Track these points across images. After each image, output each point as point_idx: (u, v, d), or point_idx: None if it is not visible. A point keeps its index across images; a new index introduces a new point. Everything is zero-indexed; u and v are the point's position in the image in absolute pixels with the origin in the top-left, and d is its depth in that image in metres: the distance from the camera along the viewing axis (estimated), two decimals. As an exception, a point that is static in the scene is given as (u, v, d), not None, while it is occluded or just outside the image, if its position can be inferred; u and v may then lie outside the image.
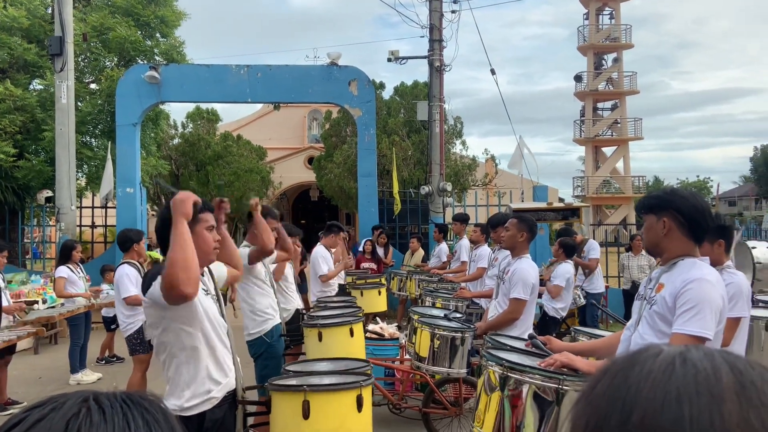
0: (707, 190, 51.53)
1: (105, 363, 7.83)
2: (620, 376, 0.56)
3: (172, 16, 13.53)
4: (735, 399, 0.51)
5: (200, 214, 2.59)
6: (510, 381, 2.46)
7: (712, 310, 2.22)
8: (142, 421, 0.63)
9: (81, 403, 0.63)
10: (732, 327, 3.10)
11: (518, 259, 4.23)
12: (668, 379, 0.54)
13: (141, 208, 11.18)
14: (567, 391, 2.35)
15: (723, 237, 3.33)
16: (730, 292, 3.10)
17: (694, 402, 0.51)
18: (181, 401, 2.48)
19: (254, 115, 29.59)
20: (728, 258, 3.41)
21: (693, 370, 0.54)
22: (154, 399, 0.67)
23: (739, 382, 0.52)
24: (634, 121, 32.74)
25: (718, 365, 0.54)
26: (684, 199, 2.39)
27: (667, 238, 2.38)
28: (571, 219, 11.03)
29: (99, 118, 12.99)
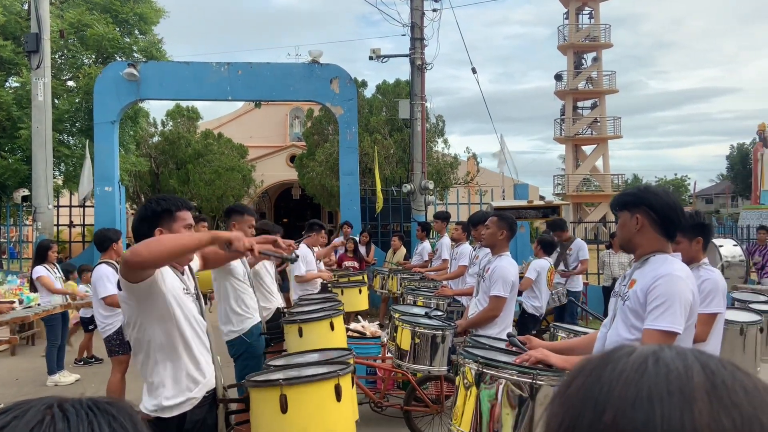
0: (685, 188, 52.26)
1: (83, 364, 7.73)
2: (593, 376, 0.56)
3: (151, 13, 13.40)
4: (706, 398, 0.51)
5: (178, 212, 2.57)
6: (486, 377, 2.48)
7: (682, 304, 2.25)
8: (109, 429, 0.62)
9: (45, 410, 0.62)
10: (708, 322, 3.14)
11: (498, 257, 4.25)
12: (640, 378, 0.54)
13: (119, 207, 11.05)
14: (541, 386, 2.38)
15: (701, 234, 3.35)
16: (707, 287, 3.17)
17: (665, 401, 0.51)
18: (159, 400, 2.46)
19: (235, 113, 29.39)
20: (705, 255, 3.44)
21: (665, 370, 0.54)
22: (122, 405, 0.65)
23: (711, 381, 0.53)
24: (613, 120, 33.11)
25: (690, 364, 0.55)
26: (657, 196, 2.42)
27: (640, 234, 2.42)
28: (552, 217, 11.13)
29: (76, 116, 12.82)
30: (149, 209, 2.58)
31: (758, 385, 0.54)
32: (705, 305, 3.13)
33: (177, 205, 2.59)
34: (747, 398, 0.52)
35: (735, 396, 0.52)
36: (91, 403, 0.64)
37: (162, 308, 2.43)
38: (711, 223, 3.52)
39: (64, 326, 7.03)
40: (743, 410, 0.51)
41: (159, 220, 2.55)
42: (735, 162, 34.42)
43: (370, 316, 8.25)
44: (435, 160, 18.30)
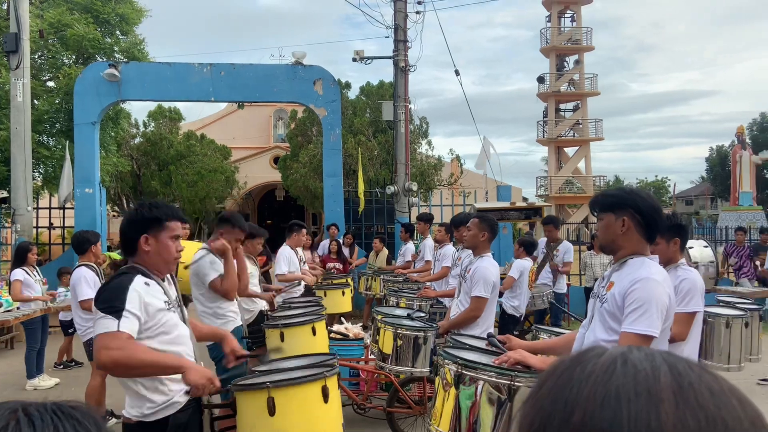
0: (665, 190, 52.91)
1: (63, 368, 7.64)
2: (564, 377, 0.58)
3: (132, 14, 13.28)
4: (672, 399, 0.53)
5: (168, 222, 2.56)
6: (465, 378, 2.50)
7: (658, 308, 2.29)
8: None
9: (9, 415, 0.61)
10: (687, 321, 3.16)
11: (480, 258, 4.29)
12: (608, 379, 0.55)
13: (100, 209, 10.93)
14: (519, 387, 2.40)
15: (678, 235, 3.38)
16: (686, 287, 3.20)
17: (632, 401, 0.53)
18: (143, 410, 2.44)
19: (218, 114, 29.21)
20: (683, 256, 3.47)
21: (633, 371, 0.56)
22: (86, 409, 0.65)
23: (678, 382, 0.54)
24: (595, 122, 33.43)
25: (658, 366, 0.56)
26: (643, 199, 2.45)
27: (625, 236, 2.44)
28: (534, 218, 11.23)
29: (56, 117, 12.66)
30: (140, 214, 2.56)
31: (724, 386, 0.56)
32: (683, 304, 3.16)
33: (168, 214, 2.57)
34: (713, 399, 0.53)
35: (701, 397, 0.53)
36: (56, 407, 0.63)
37: (144, 330, 2.43)
38: (688, 225, 3.58)
39: (43, 330, 6.95)
40: (708, 411, 0.52)
41: (147, 227, 2.53)
42: (714, 164, 34.91)
43: (353, 317, 8.25)
44: (419, 162, 18.36)
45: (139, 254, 2.53)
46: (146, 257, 2.53)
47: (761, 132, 32.18)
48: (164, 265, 2.58)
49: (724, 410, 0.53)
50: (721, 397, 0.54)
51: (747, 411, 0.54)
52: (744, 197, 20.35)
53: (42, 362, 6.95)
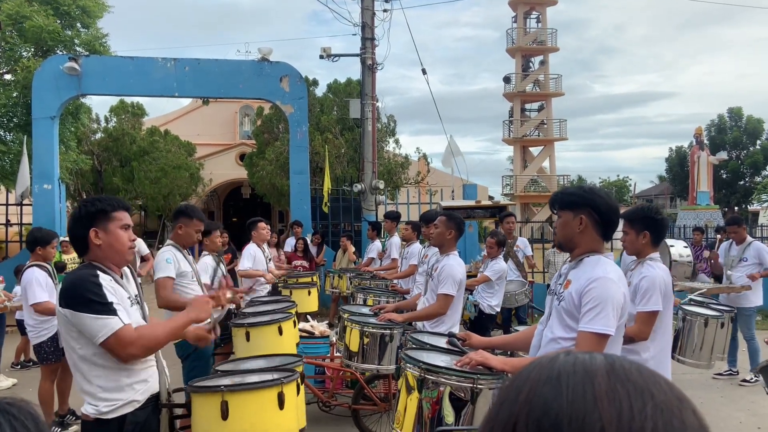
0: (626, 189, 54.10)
1: (21, 368, 7.44)
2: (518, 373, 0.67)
3: (94, 7, 12.98)
4: (605, 375, 0.61)
5: (114, 213, 2.52)
6: (427, 383, 2.52)
7: (614, 307, 2.34)
8: (10, 428, 0.61)
9: None
10: (647, 320, 3.16)
11: (446, 256, 4.32)
12: (552, 365, 0.64)
13: (59, 206, 10.66)
14: (481, 390, 2.44)
15: (649, 229, 3.33)
16: (644, 285, 3.19)
17: (570, 377, 0.61)
18: (99, 407, 2.40)
19: (182, 109, 28.76)
20: (654, 250, 3.38)
21: (573, 358, 0.65)
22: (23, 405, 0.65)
23: (610, 364, 0.63)
24: (559, 122, 33.99)
25: (595, 355, 0.65)
26: (602, 198, 2.49)
27: (582, 234, 2.48)
28: (499, 216, 11.35)
29: (14, 111, 12.31)
30: (83, 210, 2.50)
31: (653, 371, 0.64)
32: (643, 303, 3.16)
33: (113, 205, 2.53)
34: (640, 376, 0.62)
35: (630, 374, 0.62)
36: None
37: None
38: (663, 219, 3.41)
39: (0, 330, 6.74)
40: (637, 384, 0.60)
41: (93, 220, 2.48)
42: (673, 164, 35.79)
43: (320, 315, 8.23)
44: (386, 160, 18.39)
45: (92, 250, 2.48)
46: (99, 252, 2.48)
47: (718, 133, 33.12)
48: (119, 256, 2.52)
49: (651, 384, 0.61)
50: (649, 376, 0.62)
51: (674, 390, 0.62)
52: (702, 197, 20.95)
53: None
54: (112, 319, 2.32)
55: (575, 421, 0.57)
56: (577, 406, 0.58)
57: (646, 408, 0.58)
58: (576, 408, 0.58)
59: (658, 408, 0.58)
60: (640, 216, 3.39)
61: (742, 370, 6.84)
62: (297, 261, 9.81)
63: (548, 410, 0.59)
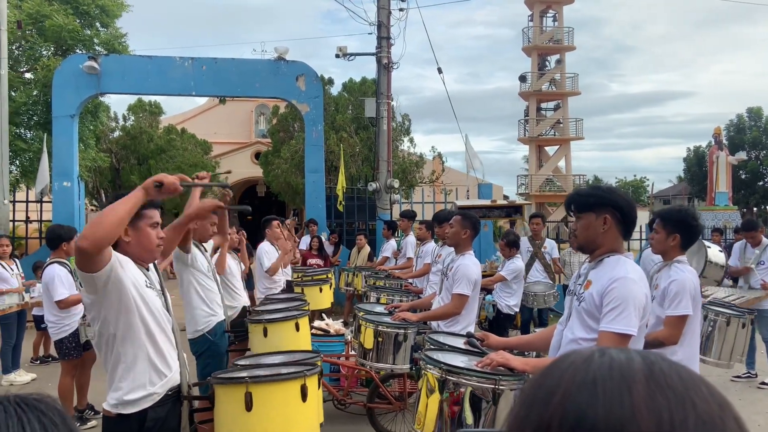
0: (644, 189, 53.56)
1: (40, 363, 7.55)
2: (547, 370, 0.63)
3: (113, 6, 13.12)
4: (644, 381, 0.57)
5: (145, 210, 2.55)
6: (448, 384, 2.51)
7: (636, 307, 2.32)
8: (39, 424, 0.61)
9: None
10: (677, 324, 3.10)
11: (461, 255, 4.31)
12: (587, 367, 0.60)
13: (78, 203, 10.80)
14: (503, 391, 2.42)
15: (680, 232, 3.25)
16: (674, 289, 3.12)
17: (607, 383, 0.58)
18: (120, 394, 2.44)
19: (199, 108, 28.97)
20: (682, 254, 3.31)
21: (608, 360, 0.61)
22: (50, 401, 0.65)
23: (649, 368, 0.59)
24: (576, 122, 33.74)
25: (632, 356, 0.62)
26: (622, 197, 2.47)
27: (605, 235, 2.44)
28: (515, 216, 11.31)
29: (34, 109, 12.48)
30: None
31: (693, 375, 0.60)
32: (672, 307, 3.10)
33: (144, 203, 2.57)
34: (681, 383, 0.58)
35: (670, 380, 0.58)
36: (20, 399, 0.64)
37: (124, 299, 2.41)
38: (697, 226, 3.32)
39: (20, 325, 6.84)
40: (677, 391, 0.57)
41: None
42: (692, 164, 35.38)
43: (334, 314, 8.26)
44: (401, 159, 18.38)
45: (120, 246, 2.52)
46: (127, 248, 2.53)
47: (737, 133, 32.68)
48: (147, 253, 2.58)
49: (692, 392, 0.57)
50: (690, 382, 0.58)
51: (715, 396, 0.58)
52: (720, 197, 20.69)
53: (18, 357, 6.86)
54: None
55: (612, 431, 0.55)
56: (614, 415, 0.55)
57: (687, 420, 0.55)
58: (613, 417, 0.55)
59: (699, 419, 0.55)
60: (675, 217, 3.31)
61: (760, 372, 6.77)
62: (312, 259, 9.85)
63: (583, 418, 0.56)
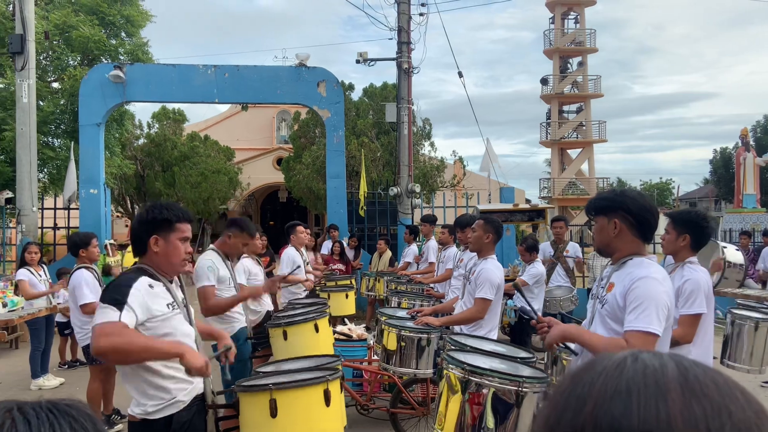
0: (669, 192, 52.77)
1: (68, 368, 7.68)
2: (577, 377, 0.62)
3: (138, 16, 13.34)
4: (679, 390, 0.56)
5: (178, 224, 2.58)
6: (471, 384, 2.50)
7: (658, 306, 2.30)
8: (70, 429, 0.62)
9: (4, 414, 0.62)
10: (691, 323, 3.13)
11: (484, 259, 4.29)
12: (619, 374, 0.59)
13: (105, 210, 10.98)
14: (526, 393, 2.41)
15: (689, 232, 3.27)
16: (688, 288, 3.15)
17: (641, 392, 0.56)
18: (147, 407, 2.46)
19: (222, 115, 29.28)
20: (692, 254, 3.33)
21: (642, 366, 0.59)
22: (81, 406, 0.66)
23: (684, 376, 0.58)
24: (599, 124, 33.41)
25: (666, 362, 0.60)
26: (633, 200, 2.45)
27: (618, 238, 2.44)
28: (537, 220, 11.22)
29: (61, 118, 12.73)
30: (150, 215, 2.57)
31: (728, 381, 0.59)
32: (687, 306, 3.12)
33: (178, 216, 2.59)
34: (717, 390, 0.57)
35: (706, 388, 0.56)
36: (51, 405, 0.64)
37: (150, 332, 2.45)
38: (707, 227, 3.32)
39: (48, 330, 6.97)
40: (713, 400, 0.55)
41: (157, 228, 2.55)
42: (718, 166, 34.80)
43: (356, 318, 8.27)
44: (422, 163, 18.36)
45: (148, 255, 2.57)
46: (155, 258, 2.56)
47: (765, 134, 32.06)
48: (172, 266, 2.60)
49: (728, 400, 0.56)
50: (726, 389, 0.57)
51: (751, 402, 0.57)
52: (748, 199, 20.30)
53: (47, 362, 6.98)
54: (112, 311, 2.31)
55: None
56: (649, 425, 0.54)
57: (724, 429, 0.54)
58: (647, 428, 0.54)
59: (736, 428, 0.54)
60: (685, 219, 3.33)
61: (792, 378, 6.61)
62: (334, 264, 9.88)
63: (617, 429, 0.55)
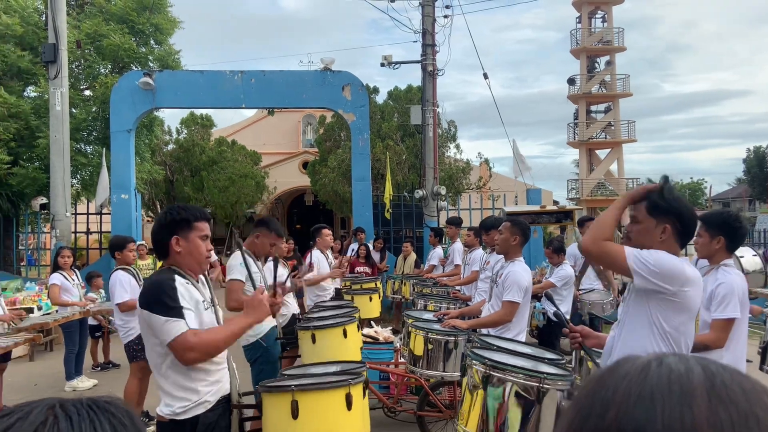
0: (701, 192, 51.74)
1: (101, 370, 7.83)
2: (602, 380, 0.61)
3: (166, 24, 13.57)
4: (705, 396, 0.55)
5: (196, 223, 2.63)
6: (493, 379, 2.51)
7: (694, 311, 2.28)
8: (110, 426, 0.64)
9: (47, 411, 0.64)
10: (724, 328, 3.05)
11: (511, 262, 4.26)
12: (643, 379, 0.58)
13: (135, 214, 11.19)
14: (548, 390, 2.40)
15: (723, 234, 3.19)
16: (721, 292, 3.06)
17: (666, 398, 0.55)
18: (174, 408, 2.51)
19: (248, 120, 29.61)
20: (728, 257, 3.25)
21: (667, 371, 0.58)
22: (120, 404, 0.68)
23: (710, 381, 0.56)
24: (628, 124, 32.92)
25: (691, 367, 0.58)
26: (687, 208, 2.41)
27: (663, 244, 2.38)
28: (565, 222, 11.09)
29: (93, 125, 13.01)
30: (168, 217, 2.64)
31: (756, 386, 0.57)
32: (720, 310, 3.04)
33: (195, 215, 2.65)
34: (744, 396, 0.55)
35: (733, 394, 0.55)
36: (91, 402, 0.66)
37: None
38: (741, 228, 3.24)
39: (82, 332, 7.12)
40: (740, 406, 0.54)
41: (176, 228, 2.61)
42: (752, 165, 34.05)
43: (382, 321, 8.27)
44: (447, 166, 18.30)
45: (171, 256, 2.62)
46: (179, 258, 2.61)
47: (800, 132, 31.33)
48: (197, 264, 2.65)
49: (756, 406, 0.54)
50: (753, 395, 0.55)
51: None
52: (783, 199, 19.80)
53: (81, 364, 7.13)
54: (179, 323, 2.42)
55: None
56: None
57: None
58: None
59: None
60: (717, 220, 3.24)
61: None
62: (359, 267, 9.90)
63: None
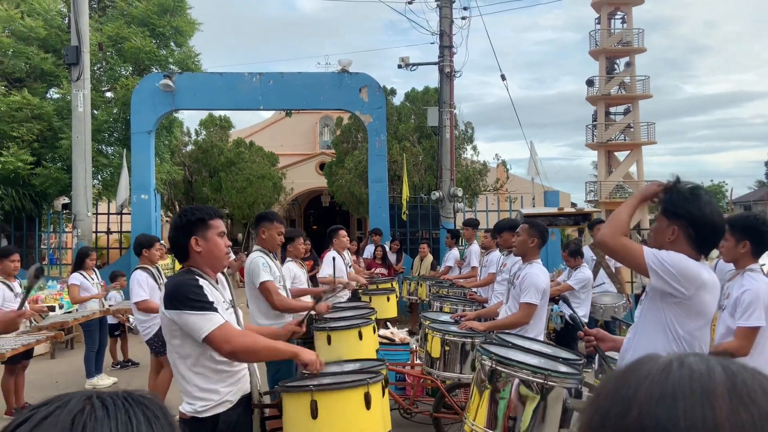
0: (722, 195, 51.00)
1: (120, 368, 7.93)
2: (623, 378, 0.61)
3: (186, 27, 13.71)
4: (726, 396, 0.55)
5: (211, 221, 2.66)
6: (498, 374, 2.53)
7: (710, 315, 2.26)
8: (143, 417, 0.68)
9: (85, 400, 0.67)
10: (748, 336, 2.98)
11: (529, 264, 4.25)
12: (665, 379, 0.58)
13: (155, 215, 11.31)
14: (553, 387, 2.41)
15: (749, 238, 3.12)
16: (746, 299, 2.98)
17: (687, 398, 0.55)
18: (196, 406, 2.54)
19: (266, 121, 29.79)
20: (754, 261, 3.17)
21: (688, 371, 0.58)
22: (153, 397, 0.72)
23: (731, 381, 0.57)
24: (647, 126, 32.56)
25: (712, 367, 0.59)
26: (700, 211, 2.27)
27: (672, 245, 2.32)
28: (583, 224, 11.01)
29: (114, 126, 13.18)
30: (184, 219, 2.66)
31: None
32: (744, 318, 2.98)
33: (210, 214, 2.68)
34: (765, 396, 0.55)
35: (754, 394, 0.55)
36: (126, 394, 0.70)
37: None
38: (766, 230, 3.17)
39: (102, 331, 7.22)
40: (761, 406, 0.54)
41: (194, 228, 2.63)
42: (774, 167, 33.50)
43: (399, 322, 8.28)
44: (464, 167, 18.26)
45: (191, 257, 2.63)
46: (199, 258, 2.63)
47: (825, 134, 30.77)
48: (217, 261, 2.67)
49: None
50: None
51: None
52: (807, 202, 19.47)
53: (101, 362, 7.23)
54: (215, 315, 2.46)
55: None
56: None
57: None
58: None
59: None
60: (742, 224, 3.18)
61: None
62: (376, 268, 9.92)
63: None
